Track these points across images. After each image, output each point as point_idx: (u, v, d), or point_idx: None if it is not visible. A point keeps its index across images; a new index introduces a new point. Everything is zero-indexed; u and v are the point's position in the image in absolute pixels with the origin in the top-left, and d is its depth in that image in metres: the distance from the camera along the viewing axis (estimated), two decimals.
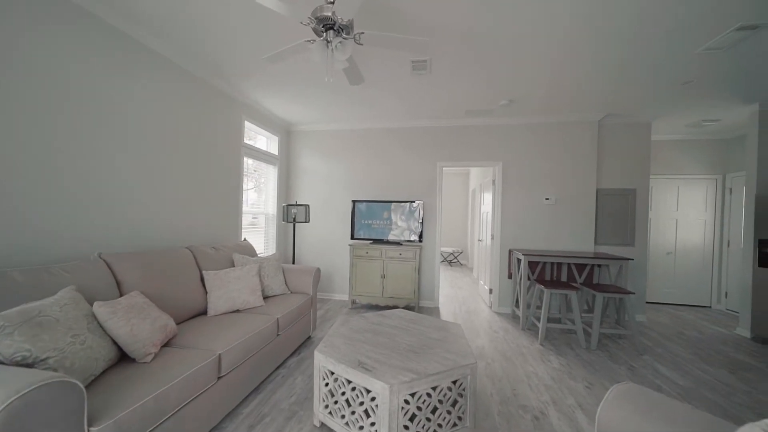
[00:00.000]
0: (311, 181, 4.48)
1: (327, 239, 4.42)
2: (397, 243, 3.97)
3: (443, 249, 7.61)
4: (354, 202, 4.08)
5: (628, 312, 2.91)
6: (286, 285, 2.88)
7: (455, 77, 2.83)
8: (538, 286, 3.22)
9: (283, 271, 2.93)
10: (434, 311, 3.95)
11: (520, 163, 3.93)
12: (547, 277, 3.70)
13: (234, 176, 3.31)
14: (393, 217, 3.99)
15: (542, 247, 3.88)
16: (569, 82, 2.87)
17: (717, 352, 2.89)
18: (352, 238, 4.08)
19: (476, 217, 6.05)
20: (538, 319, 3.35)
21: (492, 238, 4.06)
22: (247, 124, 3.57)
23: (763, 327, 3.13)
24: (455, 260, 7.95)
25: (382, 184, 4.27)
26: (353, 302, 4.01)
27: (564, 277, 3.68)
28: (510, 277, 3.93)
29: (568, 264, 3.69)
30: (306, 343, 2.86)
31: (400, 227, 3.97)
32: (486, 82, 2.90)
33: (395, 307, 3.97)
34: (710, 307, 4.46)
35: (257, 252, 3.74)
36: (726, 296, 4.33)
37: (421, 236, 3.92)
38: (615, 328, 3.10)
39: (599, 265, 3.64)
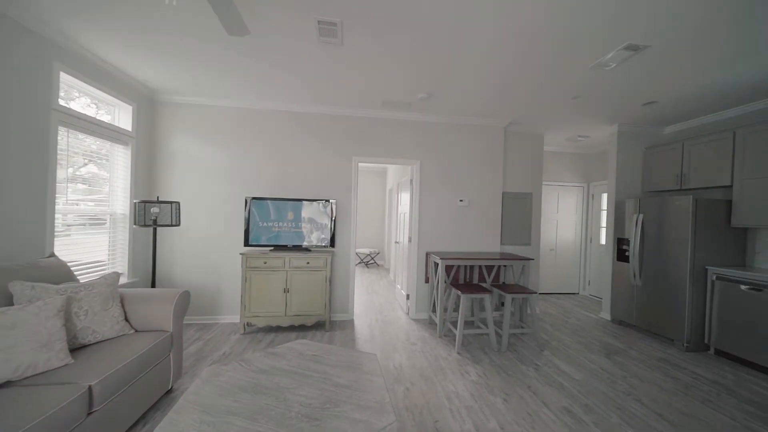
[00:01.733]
0: (186, 171, 3.41)
1: (210, 248, 3.44)
2: (305, 249, 3.34)
3: (359, 250, 7.27)
4: (249, 199, 3.26)
5: (531, 309, 3.05)
6: (128, 321, 1.94)
7: (371, 57, 2.41)
8: (455, 291, 3.11)
9: (123, 301, 1.97)
10: (349, 324, 3.49)
11: (437, 163, 3.82)
12: (462, 280, 3.68)
13: (38, 156, 2.12)
14: (300, 218, 3.34)
15: (456, 248, 3.86)
16: (481, 84, 2.81)
17: (594, 339, 3.29)
18: (247, 244, 3.25)
19: (393, 217, 5.88)
20: (454, 324, 3.26)
21: (409, 240, 3.85)
22: (67, 79, 2.36)
23: (619, 310, 3.77)
24: (372, 261, 7.71)
25: (286, 179, 3.56)
26: (247, 325, 3.19)
27: (476, 278, 3.73)
28: (427, 281, 3.79)
29: (480, 265, 3.76)
30: (163, 400, 1.99)
31: (309, 230, 3.36)
32: (403, 67, 2.57)
33: (302, 326, 3.34)
34: (578, 293, 5.32)
35: (82, 272, 2.58)
36: (589, 284, 5.24)
37: (333, 240, 3.40)
38: (519, 326, 3.23)
39: (505, 265, 3.82)
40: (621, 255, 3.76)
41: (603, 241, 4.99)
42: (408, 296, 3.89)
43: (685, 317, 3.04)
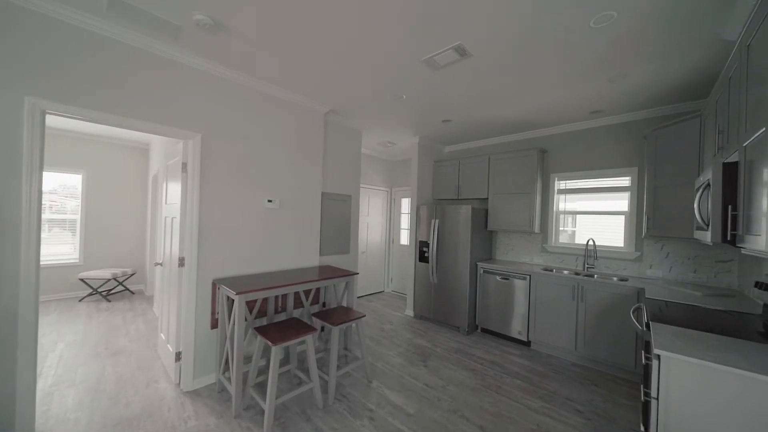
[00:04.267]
0: None
1: None
2: None
3: (92, 275, 4.36)
4: None
5: (360, 336, 2.54)
6: None
7: None
8: (262, 340, 2.06)
9: None
10: None
11: (232, 144, 2.54)
12: (271, 310, 2.64)
13: None
14: None
15: (262, 268, 2.76)
16: (305, 41, 1.96)
17: (408, 345, 3.29)
18: None
19: (159, 222, 3.84)
20: (262, 389, 2.18)
21: (181, 263, 2.33)
22: None
23: (420, 307, 4.12)
24: (116, 291, 4.90)
25: None
26: None
27: (291, 304, 2.81)
28: (216, 326, 2.44)
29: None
30: None
31: None
32: None
33: None
34: (383, 291, 5.67)
35: None
36: (392, 281, 5.69)
37: None
38: (344, 356, 2.66)
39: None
40: (422, 256, 4.11)
41: (403, 241, 5.54)
42: (179, 355, 2.36)
43: (466, 307, 3.62)
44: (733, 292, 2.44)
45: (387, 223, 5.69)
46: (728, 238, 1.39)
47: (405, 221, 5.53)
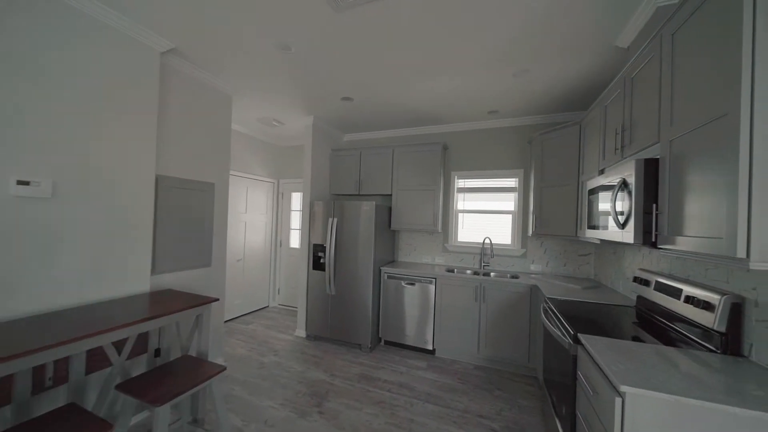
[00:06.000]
0: None
1: None
2: None
3: None
4: None
5: (217, 403, 1.63)
6: None
7: None
8: None
9: None
10: None
11: None
12: (23, 388, 1.38)
13: None
14: None
15: (17, 307, 1.45)
16: None
17: (298, 381, 2.51)
18: None
19: None
20: None
21: None
22: None
23: (314, 325, 3.38)
24: None
25: None
26: None
27: (77, 368, 1.59)
28: None
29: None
30: None
31: None
32: None
33: None
34: (268, 306, 4.61)
35: None
36: (279, 293, 4.68)
37: None
38: None
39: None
40: (317, 263, 3.38)
41: (293, 244, 4.62)
42: None
43: (369, 319, 3.12)
44: (596, 282, 2.78)
45: (273, 223, 4.65)
46: (653, 240, 1.30)
47: (296, 220, 4.63)
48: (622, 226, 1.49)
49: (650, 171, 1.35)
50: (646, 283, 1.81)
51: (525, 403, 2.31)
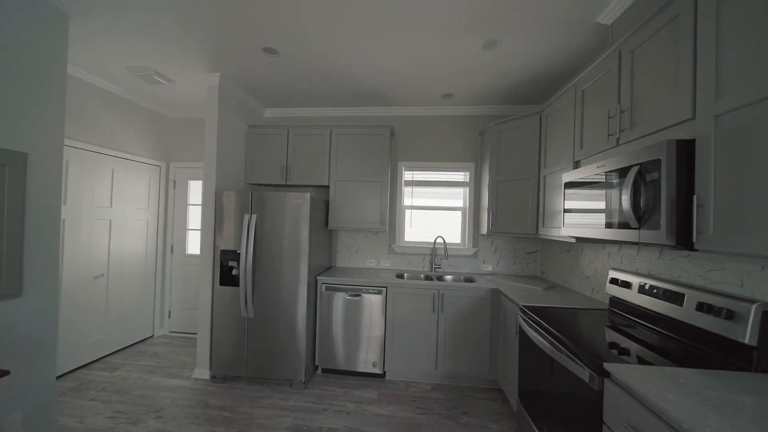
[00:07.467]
0: None
1: None
2: None
3: None
4: None
5: None
6: None
7: None
8: None
9: None
10: None
11: None
12: None
13: None
14: None
15: None
16: None
17: None
18: None
19: None
20: None
21: None
22: None
23: (223, 361, 2.46)
24: None
25: None
26: None
27: None
28: None
29: None
30: None
31: None
32: None
33: None
34: (152, 336, 3.35)
35: None
36: (169, 316, 3.46)
37: None
38: None
39: None
40: (227, 276, 2.46)
41: (191, 250, 3.46)
42: None
43: (302, 344, 2.41)
44: (550, 282, 2.69)
45: (160, 221, 3.39)
46: (694, 239, 1.05)
47: (195, 217, 3.47)
48: (640, 223, 1.22)
49: (682, 155, 1.09)
50: (626, 285, 1.66)
51: (496, 427, 2.01)
